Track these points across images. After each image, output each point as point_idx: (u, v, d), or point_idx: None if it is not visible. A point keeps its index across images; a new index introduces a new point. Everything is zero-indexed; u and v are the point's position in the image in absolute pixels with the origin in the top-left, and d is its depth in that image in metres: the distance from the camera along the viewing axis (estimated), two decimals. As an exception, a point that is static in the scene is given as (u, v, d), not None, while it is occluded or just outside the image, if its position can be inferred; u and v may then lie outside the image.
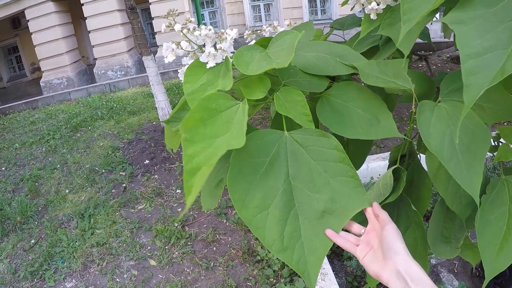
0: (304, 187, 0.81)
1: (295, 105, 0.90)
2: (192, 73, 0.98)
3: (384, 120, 0.95)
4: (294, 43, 0.90)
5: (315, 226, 0.79)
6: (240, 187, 0.80)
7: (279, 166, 0.83)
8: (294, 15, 13.71)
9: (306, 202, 0.80)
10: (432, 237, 1.26)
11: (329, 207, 0.80)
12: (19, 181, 6.04)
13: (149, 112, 8.40)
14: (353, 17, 1.78)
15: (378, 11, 1.25)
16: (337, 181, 0.81)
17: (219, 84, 0.92)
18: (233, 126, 0.81)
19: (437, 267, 3.40)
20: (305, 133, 0.86)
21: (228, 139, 0.79)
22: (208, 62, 0.97)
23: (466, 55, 0.70)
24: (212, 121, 0.83)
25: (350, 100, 0.99)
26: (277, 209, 0.80)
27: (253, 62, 0.94)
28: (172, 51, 1.01)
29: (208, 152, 0.78)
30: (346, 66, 1.07)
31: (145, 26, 14.22)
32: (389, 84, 0.99)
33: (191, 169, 0.77)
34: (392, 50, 1.28)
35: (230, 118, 0.83)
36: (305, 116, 0.88)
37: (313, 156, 0.83)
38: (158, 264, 3.79)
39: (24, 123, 9.47)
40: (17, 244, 4.44)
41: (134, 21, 6.23)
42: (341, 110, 0.98)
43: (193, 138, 0.80)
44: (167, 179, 5.36)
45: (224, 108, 0.85)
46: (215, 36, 1.00)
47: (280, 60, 0.86)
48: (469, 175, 0.84)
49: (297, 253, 0.78)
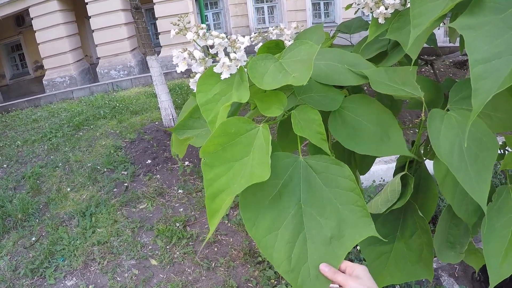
0: (314, 212, 0.83)
1: (310, 124, 0.91)
2: (205, 83, 0.98)
3: (394, 136, 0.96)
4: (312, 58, 0.90)
5: (321, 251, 0.81)
6: (252, 207, 0.81)
7: (291, 189, 0.84)
8: (297, 17, 13.71)
9: (315, 227, 0.82)
10: (438, 243, 1.27)
11: (336, 234, 0.81)
12: (21, 179, 6.05)
13: (151, 112, 8.41)
14: (360, 20, 1.79)
15: (386, 15, 1.26)
16: (346, 209, 0.83)
17: (233, 95, 0.92)
18: (253, 149, 0.83)
19: (438, 270, 3.41)
20: (320, 160, 0.87)
21: (250, 163, 0.80)
22: (223, 72, 0.96)
23: (475, 60, 0.71)
24: (232, 144, 0.84)
25: (362, 114, 1.00)
26: (287, 231, 0.81)
27: (268, 73, 0.94)
28: (184, 59, 1.01)
29: (229, 175, 0.80)
30: (356, 75, 1.08)
31: (149, 26, 14.22)
32: (399, 92, 1.00)
33: (212, 193, 0.80)
34: (401, 55, 1.29)
35: (249, 141, 0.85)
36: (319, 135, 0.89)
37: (326, 183, 0.84)
38: (159, 263, 3.81)
39: (26, 121, 9.47)
40: (18, 241, 4.45)
41: (139, 21, 6.23)
42: (353, 125, 0.98)
43: (213, 163, 0.82)
44: (169, 179, 5.37)
45: (243, 132, 0.86)
46: (227, 44, 0.99)
47: (297, 75, 0.87)
48: (477, 184, 0.85)
49: (302, 276, 0.79)
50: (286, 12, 13.86)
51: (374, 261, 1.18)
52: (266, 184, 0.81)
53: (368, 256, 1.18)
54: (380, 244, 1.18)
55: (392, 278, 1.15)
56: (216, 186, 0.80)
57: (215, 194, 0.79)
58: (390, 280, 1.15)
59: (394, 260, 1.17)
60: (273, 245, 0.80)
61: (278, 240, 0.80)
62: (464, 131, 0.89)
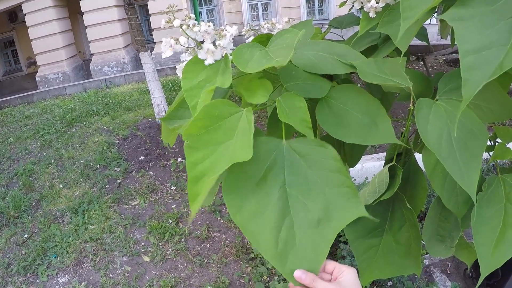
0: (299, 195, 0.80)
1: (295, 111, 0.89)
2: (191, 70, 0.97)
3: (382, 125, 0.95)
4: (294, 41, 0.89)
5: (310, 234, 0.78)
6: (236, 192, 0.79)
7: (276, 173, 0.82)
8: (291, 15, 13.71)
9: (302, 210, 0.80)
10: (427, 236, 1.26)
11: (324, 216, 0.79)
12: (13, 176, 6.02)
13: (144, 108, 8.38)
14: (351, 15, 1.78)
15: (377, 9, 1.25)
16: (333, 190, 0.80)
17: (217, 81, 0.91)
18: (237, 133, 0.81)
19: (430, 267, 3.41)
20: (303, 142, 0.85)
21: (232, 146, 0.79)
22: (207, 58, 0.96)
23: (465, 51, 0.70)
24: (215, 128, 0.82)
25: (349, 103, 0.98)
26: (272, 216, 0.79)
27: (253, 59, 0.93)
28: (171, 46, 1.00)
29: (212, 159, 0.78)
30: (345, 65, 1.07)
31: (143, 22, 14.19)
32: (387, 82, 0.99)
33: (195, 176, 0.77)
34: (391, 48, 1.29)
35: (233, 125, 0.83)
36: (305, 122, 0.88)
37: (310, 165, 0.82)
38: (151, 260, 3.79)
39: (19, 118, 9.42)
40: (10, 239, 4.43)
41: (132, 17, 6.21)
42: (341, 114, 0.97)
43: (196, 145, 0.80)
44: (162, 175, 5.36)
45: (227, 115, 0.84)
46: (214, 33, 0.98)
47: (280, 58, 0.86)
48: (466, 172, 0.84)
49: (290, 261, 0.77)
50: (280, 9, 13.87)
51: (363, 255, 1.17)
52: (250, 168, 0.80)
53: (356, 250, 1.17)
54: (368, 237, 1.17)
55: (381, 272, 1.14)
56: (199, 169, 0.78)
57: (198, 177, 0.77)
58: (379, 274, 1.14)
59: (383, 254, 1.16)
60: (258, 230, 0.78)
61: (263, 225, 0.78)
62: (453, 120, 0.88)
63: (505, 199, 0.94)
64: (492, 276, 2.83)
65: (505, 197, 0.95)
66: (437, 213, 1.25)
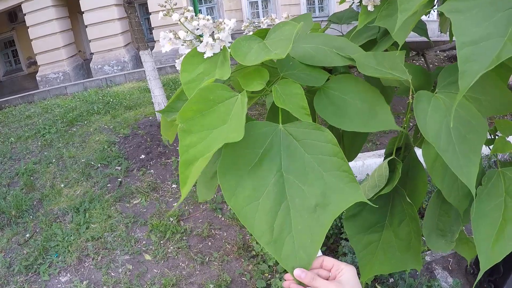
0: (296, 180, 0.79)
1: (293, 98, 0.89)
2: (189, 62, 0.96)
3: (381, 112, 0.94)
4: (293, 33, 0.89)
5: (306, 220, 0.77)
6: (231, 176, 0.78)
7: (272, 158, 0.81)
8: (292, 12, 13.69)
9: (298, 195, 0.78)
10: (427, 230, 1.25)
11: (321, 201, 0.78)
12: (14, 175, 6.02)
13: (145, 107, 8.38)
14: (351, 10, 1.77)
15: (375, 2, 1.24)
16: (331, 175, 0.79)
17: (216, 74, 0.90)
18: (231, 117, 0.80)
19: (431, 264, 3.41)
20: (300, 126, 0.84)
21: (226, 130, 0.78)
22: (206, 52, 0.96)
23: (462, 43, 0.69)
24: (210, 112, 0.82)
25: (348, 92, 0.98)
26: (268, 200, 0.78)
27: (251, 52, 0.92)
28: (170, 40, 1.00)
29: (205, 143, 0.77)
30: (343, 57, 1.06)
31: (143, 21, 14.19)
32: (386, 75, 0.98)
33: (187, 160, 0.76)
34: (390, 42, 1.28)
35: (228, 109, 0.82)
36: (302, 109, 0.87)
37: (307, 150, 0.81)
38: (153, 258, 3.79)
39: (19, 117, 9.42)
40: (12, 238, 4.43)
41: (132, 15, 6.20)
42: (339, 103, 0.96)
43: (190, 129, 0.79)
44: (163, 174, 5.35)
45: (222, 99, 0.83)
46: (213, 26, 0.98)
47: (278, 51, 0.85)
48: (465, 165, 0.84)
49: (286, 247, 0.76)
50: (280, 6, 13.85)
51: (363, 251, 1.16)
52: (246, 152, 0.79)
53: (356, 245, 1.17)
54: (368, 232, 1.16)
55: (381, 268, 1.14)
56: (192, 153, 0.77)
57: (190, 161, 0.76)
58: (379, 269, 1.13)
59: (383, 249, 1.15)
60: (254, 215, 0.77)
61: (259, 210, 0.77)
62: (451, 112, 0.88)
63: (505, 193, 0.94)
64: (493, 272, 2.82)
65: (505, 191, 0.94)
66: (437, 207, 1.24)
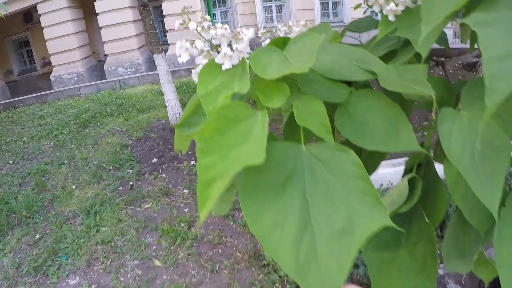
0: (321, 204, 0.76)
1: (314, 115, 0.85)
2: (207, 74, 0.92)
3: (404, 132, 0.90)
4: (315, 46, 0.84)
5: (332, 246, 0.73)
6: (254, 202, 0.74)
7: (296, 181, 0.77)
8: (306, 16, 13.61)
9: (323, 221, 0.75)
10: (447, 251, 1.21)
11: (348, 227, 0.74)
12: (26, 175, 6.05)
13: (158, 110, 8.38)
14: (370, 19, 1.73)
15: (396, 12, 1.20)
16: (356, 199, 0.75)
17: (234, 87, 0.86)
18: (251, 137, 0.76)
19: (444, 277, 3.35)
20: (324, 147, 0.80)
21: (246, 150, 0.74)
22: (224, 63, 0.91)
23: (490, 58, 0.65)
24: (229, 130, 0.78)
25: (369, 109, 0.94)
26: (293, 227, 0.74)
27: (271, 64, 0.88)
28: (186, 50, 0.95)
29: (225, 163, 0.74)
30: (364, 71, 1.02)
31: (157, 24, 14.23)
32: (408, 90, 0.95)
33: (206, 180, 0.73)
34: (411, 53, 1.24)
35: (248, 128, 0.78)
36: (324, 127, 0.83)
37: (332, 172, 0.77)
38: (163, 264, 3.76)
39: (33, 117, 9.49)
40: (22, 239, 4.44)
41: (146, 18, 6.21)
42: (360, 120, 0.93)
43: (208, 149, 0.76)
44: (175, 178, 5.33)
45: (242, 118, 0.79)
46: (231, 36, 0.94)
47: (300, 64, 0.82)
48: (488, 188, 0.79)
49: (312, 275, 0.72)
50: (294, 11, 13.83)
51: (376, 268, 1.12)
52: (268, 175, 0.75)
53: (369, 262, 1.13)
54: (383, 250, 1.12)
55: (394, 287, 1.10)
56: (211, 174, 0.73)
57: (209, 181, 0.73)
58: (391, 288, 1.10)
59: (397, 269, 1.11)
60: (278, 243, 0.73)
61: (283, 237, 0.73)
62: (476, 132, 0.84)
63: (529, 215, 0.90)
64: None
65: (530, 213, 0.90)
66: (458, 228, 1.20)
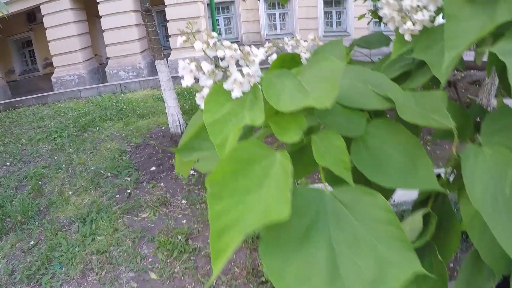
0: (349, 253, 0.68)
1: (333, 151, 0.78)
2: (214, 101, 0.84)
3: (422, 168, 0.84)
4: (337, 76, 0.77)
5: None
6: (277, 255, 0.67)
7: (320, 229, 0.70)
8: (309, 25, 13.67)
9: (352, 271, 0.67)
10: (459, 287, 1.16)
11: (378, 276, 0.67)
12: (23, 178, 5.97)
13: (158, 116, 8.32)
14: (380, 35, 1.66)
15: (413, 32, 1.14)
16: (385, 246, 0.68)
17: (246, 116, 0.79)
18: (269, 181, 0.69)
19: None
20: (348, 190, 0.73)
21: (264, 197, 0.66)
22: (234, 90, 0.83)
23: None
24: (243, 173, 0.70)
25: (387, 142, 0.87)
26: (321, 279, 0.66)
27: (284, 92, 0.80)
28: (190, 72, 0.86)
29: (239, 210, 0.66)
30: (381, 99, 0.95)
31: (160, 28, 14.22)
32: (428, 121, 0.88)
33: (219, 229, 0.65)
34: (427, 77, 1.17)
35: (265, 171, 0.70)
36: (343, 163, 0.76)
37: (358, 217, 0.70)
38: (158, 278, 3.67)
39: (32, 118, 9.44)
40: (16, 244, 4.35)
41: (149, 24, 6.16)
42: (378, 154, 0.86)
43: (221, 193, 0.67)
44: (173, 188, 5.25)
45: (258, 159, 0.72)
46: (240, 57, 0.84)
47: (320, 97, 0.74)
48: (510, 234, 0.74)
49: None
50: (297, 20, 13.83)
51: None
52: (290, 225, 0.67)
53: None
54: None
55: None
56: (224, 221, 0.66)
57: (222, 230, 0.65)
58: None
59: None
60: None
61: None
62: (500, 173, 0.78)
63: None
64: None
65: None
66: (473, 265, 1.15)
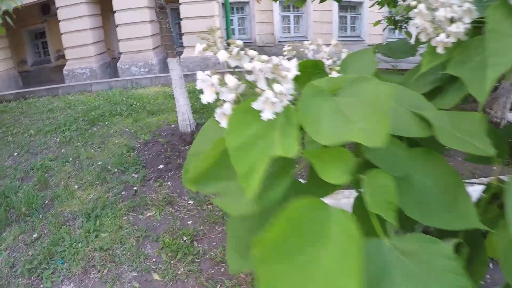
0: None
1: (381, 192, 0.70)
2: (239, 121, 0.70)
3: (463, 205, 0.77)
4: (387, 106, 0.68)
5: None
6: None
7: (385, 283, 0.63)
8: (323, 29, 13.59)
9: None
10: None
11: None
12: (30, 170, 5.94)
13: (169, 113, 8.25)
14: (405, 43, 1.58)
15: (447, 44, 1.07)
16: None
17: (277, 147, 0.66)
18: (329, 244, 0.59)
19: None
20: (408, 239, 0.66)
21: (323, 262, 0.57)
22: (264, 111, 0.69)
23: None
24: (295, 233, 0.60)
25: (429, 176, 0.80)
26: None
27: (323, 120, 0.69)
28: (212, 86, 0.72)
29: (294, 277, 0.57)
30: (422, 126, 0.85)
31: (173, 26, 14.17)
32: (467, 147, 0.81)
33: None
34: (461, 94, 1.10)
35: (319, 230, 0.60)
36: (389, 205, 0.69)
37: (421, 268, 0.63)
38: (161, 279, 3.60)
39: (42, 110, 9.42)
40: (19, 237, 4.31)
41: (163, 21, 6.10)
42: (420, 189, 0.78)
43: (269, 257, 0.58)
44: (180, 187, 5.16)
45: (310, 216, 0.62)
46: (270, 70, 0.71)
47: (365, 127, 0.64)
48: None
49: None
50: (312, 23, 13.76)
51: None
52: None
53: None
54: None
55: None
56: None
57: None
58: None
59: None
60: None
61: None
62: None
63: None
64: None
65: None
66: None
